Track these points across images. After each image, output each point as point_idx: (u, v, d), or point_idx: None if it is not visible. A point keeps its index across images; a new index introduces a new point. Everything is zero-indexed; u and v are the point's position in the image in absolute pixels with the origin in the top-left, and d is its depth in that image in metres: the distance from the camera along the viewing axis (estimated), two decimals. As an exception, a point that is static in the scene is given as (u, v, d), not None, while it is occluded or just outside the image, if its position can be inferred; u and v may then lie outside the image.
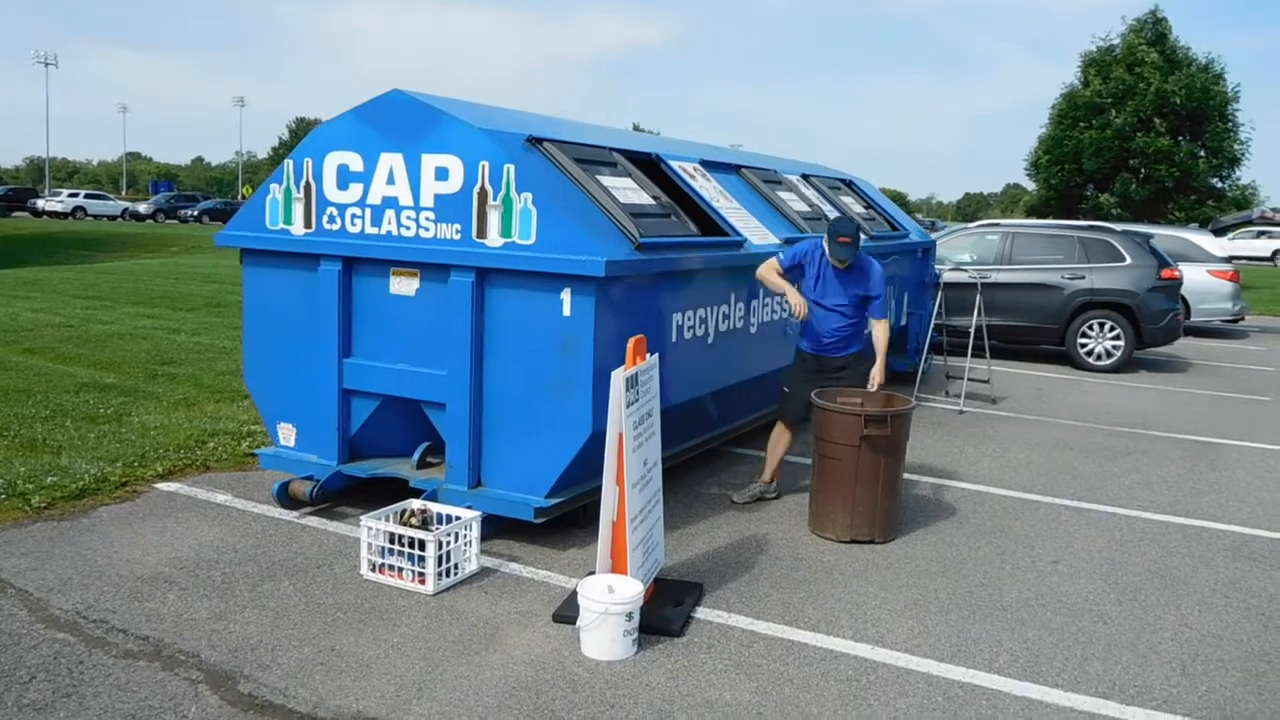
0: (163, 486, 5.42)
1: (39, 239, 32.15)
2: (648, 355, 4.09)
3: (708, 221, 5.73)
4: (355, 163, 4.81)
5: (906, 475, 6.21)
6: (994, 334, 11.93)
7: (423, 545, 4.11)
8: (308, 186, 4.96)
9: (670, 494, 5.63)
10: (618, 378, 3.71)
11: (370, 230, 4.82)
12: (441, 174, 4.59)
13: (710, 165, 6.57)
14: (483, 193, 4.51)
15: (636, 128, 72.35)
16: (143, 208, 53.35)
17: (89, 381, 7.98)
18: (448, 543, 4.19)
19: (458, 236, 4.60)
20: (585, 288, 4.39)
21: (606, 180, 4.94)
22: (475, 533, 4.36)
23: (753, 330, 6.04)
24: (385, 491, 5.00)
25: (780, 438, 5.53)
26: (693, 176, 6.11)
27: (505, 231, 4.48)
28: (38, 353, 9.22)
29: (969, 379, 9.15)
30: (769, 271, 5.26)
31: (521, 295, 4.53)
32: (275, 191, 5.06)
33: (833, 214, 7.98)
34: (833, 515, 5.01)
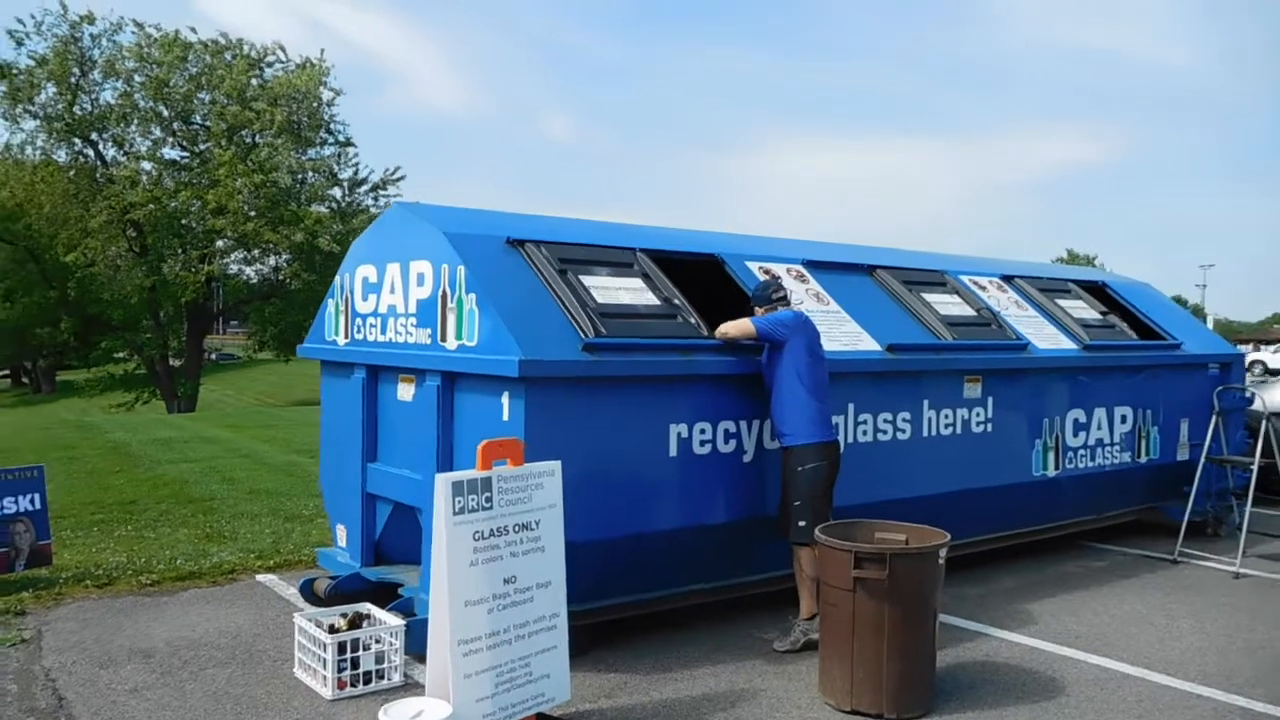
0: (260, 577, 5.95)
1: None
2: (525, 460, 3.70)
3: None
4: (372, 275, 5.11)
5: (1040, 645, 4.84)
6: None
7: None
8: (346, 300, 5.36)
9: (702, 633, 4.92)
10: (443, 482, 3.40)
11: (380, 338, 5.04)
12: (420, 280, 4.70)
13: (820, 266, 5.90)
14: (443, 296, 4.51)
15: (1071, 253, 68.71)
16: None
17: (331, 487, 9.10)
18: (354, 647, 4.06)
19: (429, 340, 4.63)
20: (518, 390, 4.14)
21: (594, 280, 4.67)
22: (399, 642, 4.17)
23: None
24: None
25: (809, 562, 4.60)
26: (775, 279, 5.52)
27: (459, 333, 4.42)
28: (326, 463, 10.76)
29: (1253, 531, 6.89)
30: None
31: (475, 399, 4.40)
32: (330, 306, 5.52)
33: (1031, 319, 6.71)
34: (832, 675, 4.02)
